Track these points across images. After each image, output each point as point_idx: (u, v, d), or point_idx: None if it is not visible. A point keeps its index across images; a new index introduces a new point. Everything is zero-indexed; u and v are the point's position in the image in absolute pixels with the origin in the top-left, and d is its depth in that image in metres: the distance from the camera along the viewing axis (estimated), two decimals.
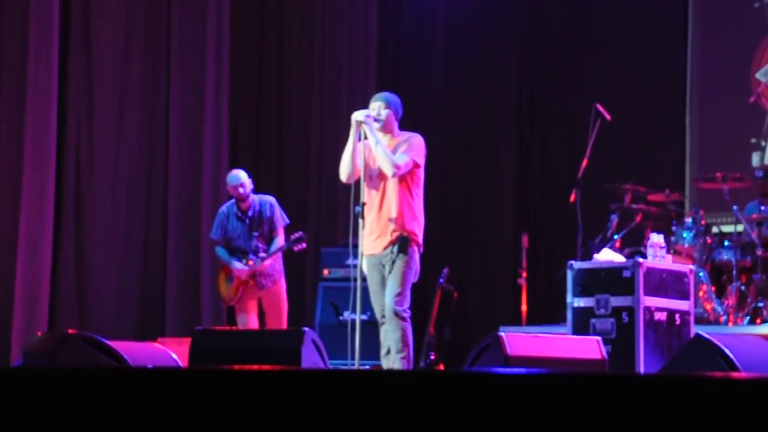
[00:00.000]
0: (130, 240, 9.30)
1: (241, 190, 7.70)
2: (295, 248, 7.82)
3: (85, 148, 9.20)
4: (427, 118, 10.05)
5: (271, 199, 7.87)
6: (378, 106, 6.22)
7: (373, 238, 6.13)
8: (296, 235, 7.78)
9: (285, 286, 7.88)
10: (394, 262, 6.07)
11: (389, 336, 6.04)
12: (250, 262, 7.70)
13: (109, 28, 9.29)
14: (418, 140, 6.23)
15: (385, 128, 6.20)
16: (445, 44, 10.42)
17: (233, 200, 7.81)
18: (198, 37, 9.60)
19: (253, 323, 7.75)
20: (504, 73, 10.41)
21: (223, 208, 7.89)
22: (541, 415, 2.54)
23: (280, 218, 7.83)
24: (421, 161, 6.21)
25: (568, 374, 2.75)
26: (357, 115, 6.11)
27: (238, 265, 7.71)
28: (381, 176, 6.16)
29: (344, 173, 6.21)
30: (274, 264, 7.79)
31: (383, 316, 6.09)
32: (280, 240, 7.80)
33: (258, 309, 7.92)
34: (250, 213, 7.75)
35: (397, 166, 6.07)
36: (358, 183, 6.16)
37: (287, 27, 10.18)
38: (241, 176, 7.74)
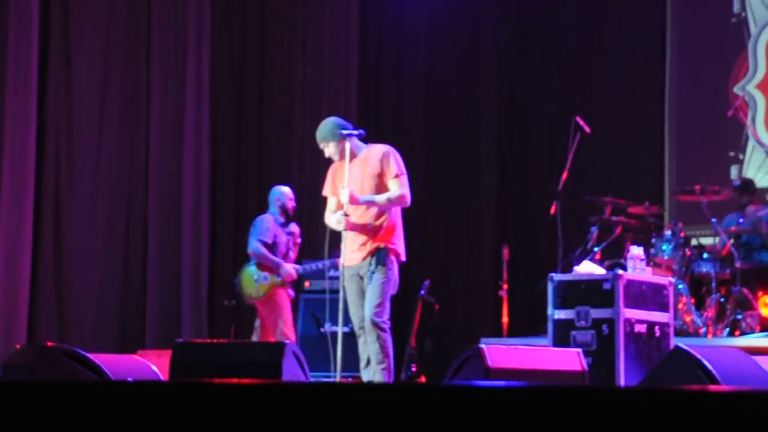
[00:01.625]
0: (110, 251, 9.26)
1: (293, 204, 8.13)
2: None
3: (65, 158, 9.16)
4: (408, 131, 10.07)
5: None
6: (330, 146, 6.21)
7: (351, 250, 6.14)
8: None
9: None
10: (373, 273, 6.08)
11: (369, 347, 6.04)
12: (296, 267, 8.03)
13: (88, 38, 9.27)
14: (394, 155, 6.24)
15: (350, 156, 6.19)
16: (425, 58, 10.45)
17: (273, 212, 8.06)
18: (178, 48, 9.59)
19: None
20: (484, 87, 10.45)
21: (269, 217, 8.10)
22: (521, 428, 2.55)
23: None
24: (405, 172, 6.26)
25: (548, 387, 2.76)
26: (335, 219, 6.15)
27: (288, 266, 7.95)
28: (360, 190, 6.18)
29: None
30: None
31: (361, 328, 6.10)
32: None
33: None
34: (287, 229, 8.12)
35: (404, 198, 6.13)
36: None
37: (268, 40, 10.18)
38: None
